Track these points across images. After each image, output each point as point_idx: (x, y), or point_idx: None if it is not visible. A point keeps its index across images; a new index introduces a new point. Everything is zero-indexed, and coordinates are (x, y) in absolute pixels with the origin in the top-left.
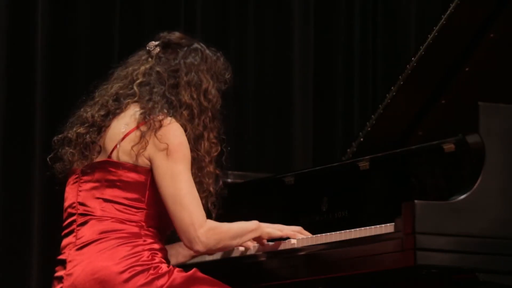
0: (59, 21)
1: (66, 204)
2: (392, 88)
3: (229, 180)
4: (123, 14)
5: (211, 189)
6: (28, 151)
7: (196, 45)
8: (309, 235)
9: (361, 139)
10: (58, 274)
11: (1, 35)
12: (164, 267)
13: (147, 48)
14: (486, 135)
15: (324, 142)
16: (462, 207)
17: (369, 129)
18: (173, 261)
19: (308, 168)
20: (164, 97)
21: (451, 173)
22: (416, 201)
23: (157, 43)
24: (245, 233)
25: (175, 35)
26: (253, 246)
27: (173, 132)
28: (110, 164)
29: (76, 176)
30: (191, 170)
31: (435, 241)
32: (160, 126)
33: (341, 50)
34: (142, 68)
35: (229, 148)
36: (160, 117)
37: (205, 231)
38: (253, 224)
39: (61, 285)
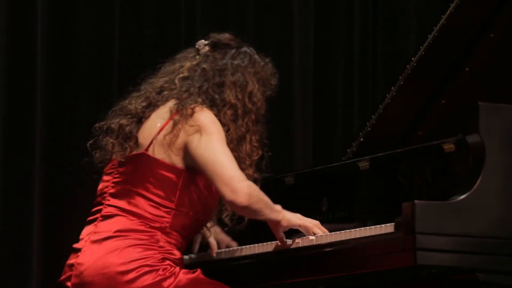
0: (59, 21)
1: (98, 191)
2: (392, 88)
3: None
4: (123, 14)
5: None
6: (28, 151)
7: (245, 48)
8: (325, 231)
9: (361, 139)
10: (70, 261)
11: (1, 35)
12: (171, 269)
13: (196, 46)
14: (486, 135)
15: (324, 142)
16: (462, 207)
17: (369, 129)
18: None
19: (308, 168)
20: (206, 93)
21: (451, 173)
22: (416, 201)
23: (206, 42)
24: (272, 210)
25: (225, 36)
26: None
27: (204, 115)
28: (145, 158)
29: (113, 166)
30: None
31: (435, 241)
32: (192, 113)
33: (341, 50)
34: (188, 64)
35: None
36: (193, 105)
37: (247, 184)
38: (278, 206)
39: (70, 272)
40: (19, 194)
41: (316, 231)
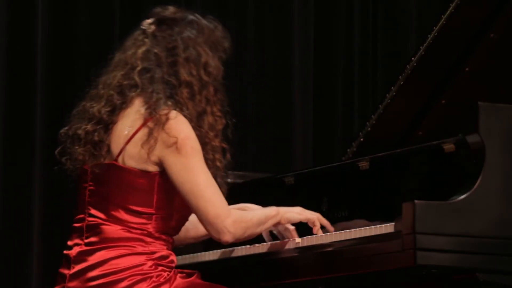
0: (59, 21)
1: (78, 199)
2: (392, 88)
3: (229, 180)
4: (123, 14)
5: (218, 164)
6: (28, 151)
7: (191, 17)
8: (327, 223)
9: (361, 139)
10: (63, 271)
11: (1, 35)
12: (165, 274)
13: (142, 27)
14: (486, 135)
15: (324, 142)
16: (462, 207)
17: (369, 129)
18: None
19: (308, 168)
20: (164, 82)
21: (451, 173)
22: (416, 201)
23: (151, 20)
24: (267, 220)
25: (169, 10)
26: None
27: (178, 126)
28: (116, 168)
29: (86, 175)
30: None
31: (435, 241)
32: (167, 119)
33: (341, 50)
34: (140, 51)
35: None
36: (166, 111)
37: (232, 221)
38: (273, 210)
39: (63, 284)
40: (19, 194)
41: (317, 224)
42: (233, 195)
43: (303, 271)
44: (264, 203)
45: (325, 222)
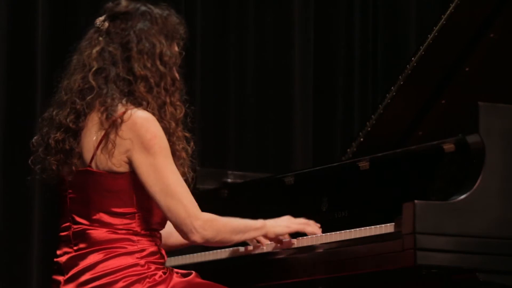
0: (60, 21)
1: (61, 208)
2: (392, 88)
3: (229, 180)
4: None
5: (184, 155)
6: (28, 151)
7: (143, 8)
8: (317, 225)
9: (361, 139)
10: (56, 277)
11: (1, 35)
12: (160, 273)
13: (96, 25)
14: (486, 135)
15: (324, 142)
16: (462, 207)
17: (369, 129)
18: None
19: (308, 168)
20: (120, 80)
21: (451, 173)
22: (416, 201)
23: (104, 17)
24: (247, 230)
25: (121, 5)
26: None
27: (142, 125)
28: (91, 174)
29: (64, 184)
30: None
31: (435, 241)
32: (121, 122)
33: (341, 50)
34: (94, 51)
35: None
36: (120, 113)
37: (202, 222)
38: (258, 222)
39: None
40: (20, 194)
41: (308, 230)
42: (233, 195)
43: (303, 271)
44: (264, 203)
45: (315, 227)
